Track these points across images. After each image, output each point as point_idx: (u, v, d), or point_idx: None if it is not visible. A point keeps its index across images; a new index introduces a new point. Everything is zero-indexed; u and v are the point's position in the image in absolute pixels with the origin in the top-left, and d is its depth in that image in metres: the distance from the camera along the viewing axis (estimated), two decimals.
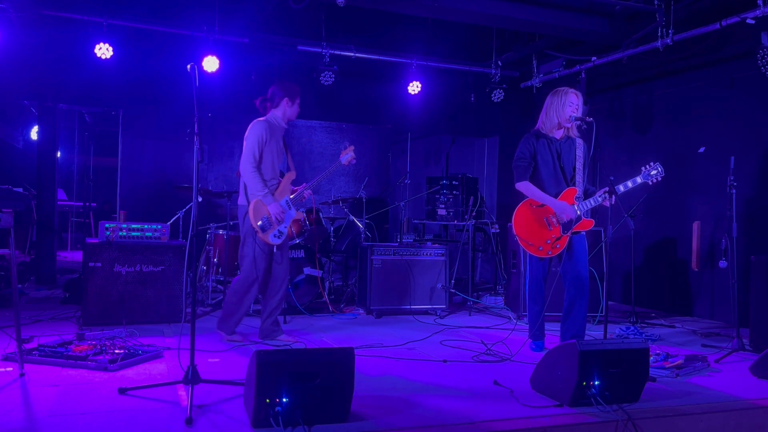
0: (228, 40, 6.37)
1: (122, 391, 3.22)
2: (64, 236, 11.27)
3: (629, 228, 5.69)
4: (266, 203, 4.43)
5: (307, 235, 5.67)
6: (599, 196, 4.30)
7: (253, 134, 4.43)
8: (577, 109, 4.38)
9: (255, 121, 4.53)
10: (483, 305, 6.67)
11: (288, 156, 4.73)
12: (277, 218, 4.45)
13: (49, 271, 7.22)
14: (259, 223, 4.43)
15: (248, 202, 4.45)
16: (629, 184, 4.29)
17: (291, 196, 4.59)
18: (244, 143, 4.45)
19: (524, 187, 4.42)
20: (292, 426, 2.76)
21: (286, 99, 4.56)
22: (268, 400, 2.74)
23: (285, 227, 4.52)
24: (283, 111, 4.58)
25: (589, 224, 4.35)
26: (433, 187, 7.53)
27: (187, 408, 2.90)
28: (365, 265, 5.94)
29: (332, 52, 6.69)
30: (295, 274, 5.76)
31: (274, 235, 4.48)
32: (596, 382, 3.16)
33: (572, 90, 4.41)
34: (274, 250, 4.56)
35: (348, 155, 4.77)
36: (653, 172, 4.29)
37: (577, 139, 4.49)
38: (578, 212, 4.30)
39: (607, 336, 4.24)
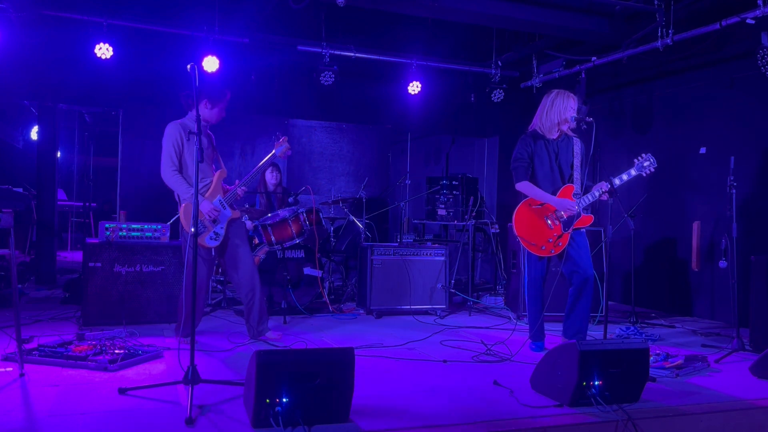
0: (228, 40, 6.37)
1: (122, 391, 3.22)
2: (64, 236, 11.28)
3: (629, 228, 5.69)
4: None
5: (307, 235, 5.67)
6: (596, 191, 4.32)
7: (166, 139, 4.36)
8: (575, 114, 4.40)
9: (169, 123, 4.44)
10: (483, 305, 6.66)
11: (217, 154, 4.61)
12: (209, 217, 4.34)
13: (49, 271, 7.22)
14: (192, 228, 4.35)
15: None
16: (624, 177, 4.31)
17: (224, 195, 4.47)
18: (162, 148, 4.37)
19: (524, 186, 4.43)
20: (292, 426, 2.77)
21: (205, 101, 4.43)
22: (268, 400, 2.74)
23: (221, 228, 4.41)
24: (204, 114, 4.44)
25: (588, 220, 4.37)
26: (433, 187, 7.53)
27: (187, 408, 2.90)
28: (365, 265, 5.94)
29: (332, 52, 6.69)
30: (295, 274, 5.76)
31: (210, 238, 4.37)
32: (596, 382, 3.16)
33: (572, 94, 4.45)
34: (213, 254, 4.45)
35: (282, 146, 4.64)
36: (646, 164, 4.34)
37: (574, 137, 4.50)
38: (578, 208, 4.31)
39: (607, 336, 4.24)
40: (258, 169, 4.59)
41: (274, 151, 4.63)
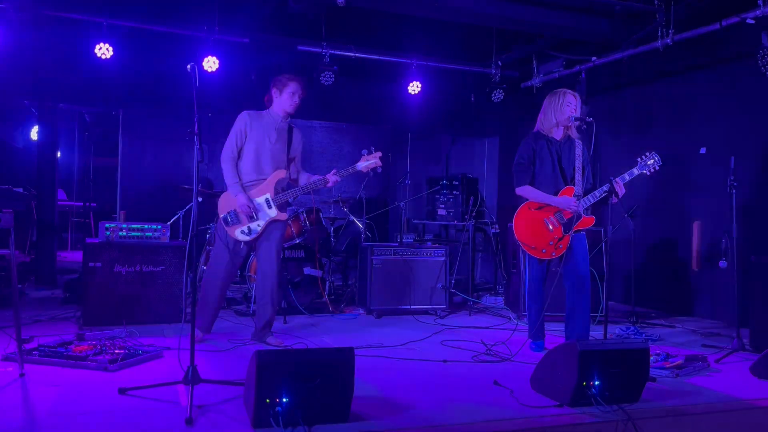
0: (228, 40, 6.37)
1: (122, 391, 3.22)
2: (64, 236, 11.26)
3: (629, 228, 5.69)
4: (233, 194, 4.27)
5: (307, 235, 5.67)
6: (598, 193, 4.30)
7: (233, 127, 4.38)
8: (575, 110, 4.38)
9: (242, 112, 4.45)
10: (483, 305, 6.66)
11: (287, 153, 4.50)
12: (244, 212, 4.28)
13: (49, 271, 7.22)
14: (223, 215, 4.30)
15: None
16: (626, 176, 4.27)
17: (273, 195, 4.36)
18: None
19: (524, 191, 4.42)
20: (292, 426, 2.76)
21: (273, 90, 4.41)
22: (268, 400, 2.74)
23: (258, 225, 4.32)
24: (275, 104, 4.43)
25: (589, 221, 4.35)
26: (433, 187, 7.54)
27: (187, 408, 2.90)
28: (365, 265, 5.94)
29: (332, 52, 6.69)
30: (295, 274, 5.75)
31: (242, 231, 4.32)
32: (596, 382, 3.16)
33: (570, 91, 4.42)
34: (241, 246, 4.43)
35: (369, 161, 4.46)
36: (650, 162, 4.28)
37: (576, 140, 4.49)
38: (579, 210, 4.30)
39: (607, 336, 4.24)
40: (322, 180, 4.43)
41: (356, 165, 4.50)
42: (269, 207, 4.37)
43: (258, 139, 4.36)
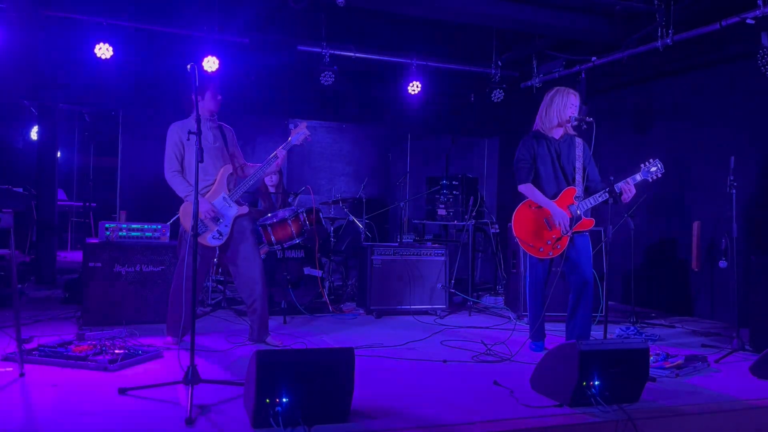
0: (228, 40, 6.37)
1: (122, 391, 3.22)
2: (64, 236, 11.26)
3: (629, 228, 5.68)
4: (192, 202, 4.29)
5: (307, 235, 5.66)
6: (599, 196, 4.30)
7: (167, 141, 4.36)
8: (576, 110, 4.38)
9: (171, 124, 4.43)
10: (483, 305, 6.66)
11: (234, 150, 4.52)
12: (209, 218, 4.26)
13: (49, 271, 7.22)
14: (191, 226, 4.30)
15: None
16: (629, 181, 4.27)
17: (228, 192, 4.37)
18: None
19: (526, 189, 4.42)
20: (292, 426, 2.76)
21: (193, 96, 4.42)
22: (268, 400, 2.74)
23: (226, 226, 4.32)
24: (201, 107, 4.35)
25: (589, 224, 4.34)
26: (433, 187, 7.53)
27: (187, 408, 2.90)
28: (365, 265, 5.94)
29: (332, 52, 6.69)
30: (295, 274, 5.75)
31: (213, 237, 4.30)
32: (596, 382, 3.16)
33: (572, 91, 4.41)
34: (216, 252, 4.37)
35: (300, 134, 4.40)
36: (653, 169, 4.28)
37: (576, 138, 4.48)
38: (578, 212, 4.29)
39: (607, 336, 4.24)
40: (268, 161, 4.42)
41: (290, 139, 4.41)
42: (229, 205, 4.36)
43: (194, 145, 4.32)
